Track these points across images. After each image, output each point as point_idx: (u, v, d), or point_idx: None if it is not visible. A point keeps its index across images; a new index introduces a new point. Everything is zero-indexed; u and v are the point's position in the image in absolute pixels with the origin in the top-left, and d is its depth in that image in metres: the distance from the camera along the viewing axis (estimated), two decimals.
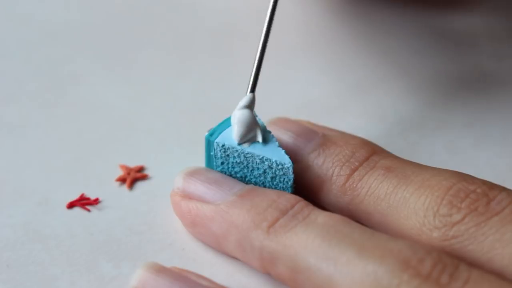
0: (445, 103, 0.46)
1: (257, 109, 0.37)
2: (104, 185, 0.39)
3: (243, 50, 0.50)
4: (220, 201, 0.34)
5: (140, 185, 0.39)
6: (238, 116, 0.36)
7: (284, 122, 0.38)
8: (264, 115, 0.38)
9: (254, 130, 0.36)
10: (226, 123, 0.36)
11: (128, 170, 0.40)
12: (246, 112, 0.36)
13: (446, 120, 0.45)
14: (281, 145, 0.36)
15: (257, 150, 0.35)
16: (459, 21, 0.54)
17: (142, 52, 0.50)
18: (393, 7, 0.55)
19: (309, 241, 0.31)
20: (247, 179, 0.36)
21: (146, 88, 0.47)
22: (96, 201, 0.38)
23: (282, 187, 0.36)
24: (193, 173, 0.36)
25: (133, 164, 0.40)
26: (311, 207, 0.33)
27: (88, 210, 0.38)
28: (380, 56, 0.50)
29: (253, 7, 0.55)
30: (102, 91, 0.46)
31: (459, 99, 0.46)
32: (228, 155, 0.36)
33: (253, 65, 0.37)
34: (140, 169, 0.40)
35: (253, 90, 0.37)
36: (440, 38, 0.52)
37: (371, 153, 0.36)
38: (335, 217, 0.32)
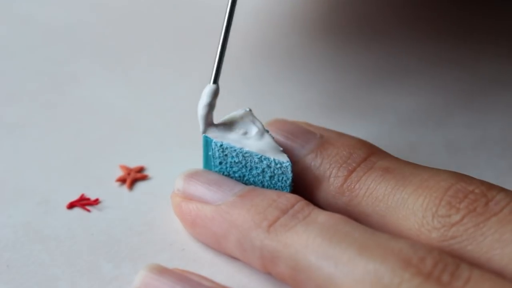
0: (445, 103, 0.46)
1: (255, 110, 0.37)
2: (104, 185, 0.39)
3: (243, 50, 0.50)
4: (221, 201, 0.35)
5: (140, 185, 0.39)
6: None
7: (281, 123, 0.38)
8: (262, 116, 0.38)
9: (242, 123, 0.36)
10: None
11: (128, 171, 0.40)
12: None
13: (446, 120, 0.45)
14: None
15: (256, 149, 0.36)
16: (459, 21, 0.54)
17: (142, 52, 0.50)
18: (393, 7, 0.55)
19: (309, 240, 0.31)
20: (245, 178, 0.36)
21: (146, 88, 0.47)
22: (96, 202, 0.38)
23: (281, 186, 0.36)
24: (193, 175, 0.36)
25: (133, 164, 0.40)
26: (311, 206, 0.33)
27: (88, 211, 0.38)
28: (379, 56, 0.50)
29: (253, 8, 0.55)
30: (102, 91, 0.46)
31: (459, 99, 0.46)
32: (226, 155, 0.36)
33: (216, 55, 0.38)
34: (140, 170, 0.40)
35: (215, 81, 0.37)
36: (440, 39, 0.52)
37: (369, 154, 0.36)
38: (336, 216, 0.32)
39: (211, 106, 0.36)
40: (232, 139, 0.36)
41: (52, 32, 0.52)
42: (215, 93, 0.36)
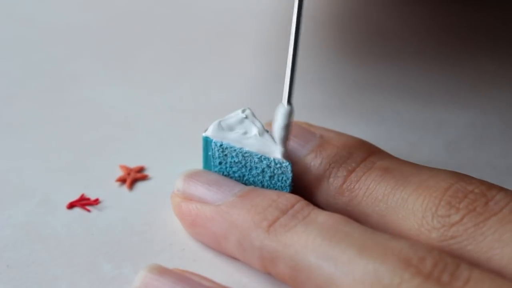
0: (445, 103, 0.46)
1: (255, 110, 0.37)
2: (104, 185, 0.39)
3: (243, 50, 0.50)
4: (220, 201, 0.35)
5: (140, 185, 0.39)
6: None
7: None
8: (262, 116, 0.38)
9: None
10: None
11: (128, 171, 0.40)
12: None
13: (446, 120, 0.45)
14: None
15: (255, 149, 0.36)
16: (459, 21, 0.54)
17: (142, 52, 0.50)
18: (393, 7, 0.55)
19: (309, 240, 0.31)
20: (245, 178, 0.36)
21: (146, 88, 0.47)
22: (96, 202, 0.38)
23: (281, 186, 0.36)
24: (193, 175, 0.36)
25: (133, 164, 0.40)
26: (311, 206, 0.33)
27: (88, 211, 0.38)
28: (379, 56, 0.50)
29: (253, 7, 0.55)
30: (102, 91, 0.46)
31: (459, 99, 0.46)
32: (226, 155, 0.36)
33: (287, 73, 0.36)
34: (140, 170, 0.40)
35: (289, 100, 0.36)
36: (440, 38, 0.52)
37: (369, 154, 0.36)
38: (335, 216, 0.32)
39: (288, 127, 0.35)
40: (232, 139, 0.36)
41: (52, 32, 0.52)
42: (291, 114, 0.35)
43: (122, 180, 0.39)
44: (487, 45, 0.51)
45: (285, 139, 0.35)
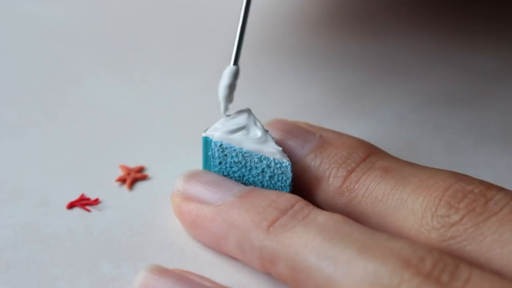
0: (445, 103, 0.46)
1: (255, 110, 0.37)
2: (104, 185, 0.39)
3: (242, 50, 0.50)
4: (220, 202, 0.35)
5: (140, 185, 0.39)
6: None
7: (281, 123, 0.38)
8: (262, 116, 0.38)
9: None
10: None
11: (128, 171, 0.40)
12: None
13: (446, 120, 0.45)
14: None
15: (255, 149, 0.36)
16: (459, 21, 0.54)
17: (142, 52, 0.50)
18: (392, 6, 0.55)
19: (309, 240, 0.31)
20: (245, 178, 0.36)
21: (146, 88, 0.47)
22: (96, 202, 0.38)
23: (281, 186, 0.36)
24: (193, 175, 0.36)
25: (133, 164, 0.40)
26: (310, 206, 0.33)
27: (88, 211, 0.38)
28: (379, 56, 0.51)
29: (253, 7, 0.55)
30: (102, 91, 0.46)
31: (459, 99, 0.46)
32: (226, 155, 0.36)
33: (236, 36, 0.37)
34: (140, 170, 0.40)
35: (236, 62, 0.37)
36: (439, 38, 0.52)
37: (368, 154, 0.36)
38: (335, 216, 0.32)
39: (231, 87, 0.36)
40: (232, 139, 0.36)
41: (52, 32, 0.52)
42: (236, 74, 0.36)
43: (122, 180, 0.39)
44: (487, 44, 0.51)
45: (228, 98, 0.36)
